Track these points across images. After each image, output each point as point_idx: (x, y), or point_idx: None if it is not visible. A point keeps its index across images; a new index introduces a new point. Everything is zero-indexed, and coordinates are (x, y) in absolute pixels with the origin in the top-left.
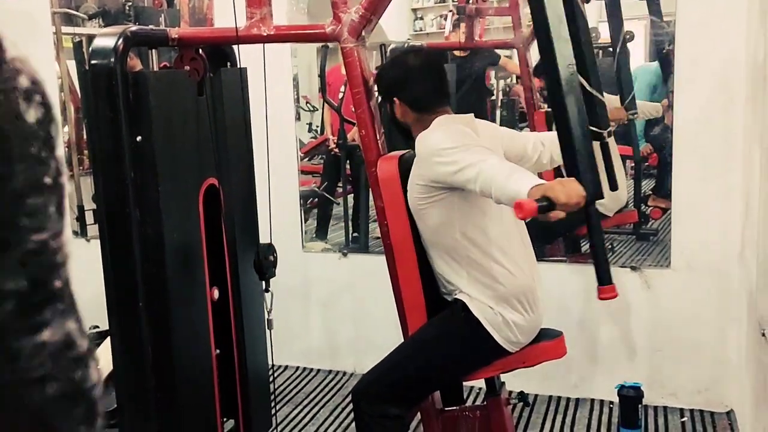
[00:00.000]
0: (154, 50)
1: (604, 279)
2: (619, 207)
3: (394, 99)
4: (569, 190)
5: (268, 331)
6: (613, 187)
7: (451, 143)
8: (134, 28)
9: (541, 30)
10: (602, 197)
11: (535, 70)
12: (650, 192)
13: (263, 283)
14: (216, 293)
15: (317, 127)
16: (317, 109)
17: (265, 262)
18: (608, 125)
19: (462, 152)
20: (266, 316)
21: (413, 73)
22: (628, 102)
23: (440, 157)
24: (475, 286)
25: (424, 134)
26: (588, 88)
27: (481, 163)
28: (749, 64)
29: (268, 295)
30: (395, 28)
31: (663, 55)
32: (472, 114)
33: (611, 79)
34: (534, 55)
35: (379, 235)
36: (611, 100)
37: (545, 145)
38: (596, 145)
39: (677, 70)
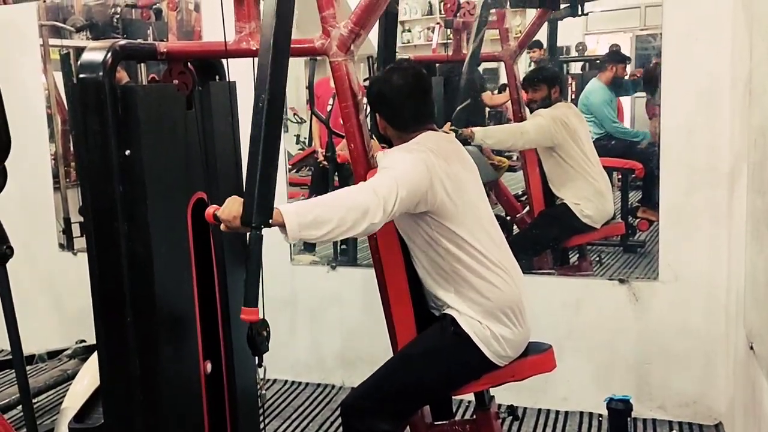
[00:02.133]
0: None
1: (250, 301)
2: (606, 219)
3: (377, 113)
4: (225, 207)
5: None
6: None
7: (386, 164)
8: (123, 42)
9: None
10: (257, 227)
11: (523, 82)
12: (638, 204)
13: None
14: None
15: (305, 138)
16: (305, 121)
17: (258, 338)
18: None
19: (379, 173)
20: (258, 391)
21: (395, 93)
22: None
23: None
24: (463, 301)
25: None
26: None
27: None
28: (734, 79)
29: (261, 370)
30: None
31: (652, 68)
32: (453, 134)
33: None
34: (521, 68)
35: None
36: None
37: None
38: None
39: (664, 83)
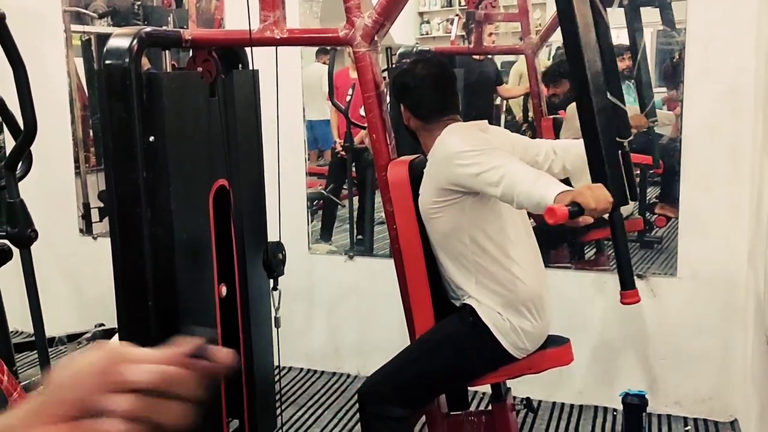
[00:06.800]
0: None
1: (627, 284)
2: (625, 215)
3: (401, 104)
4: (598, 196)
5: (275, 330)
6: (633, 197)
7: (471, 146)
8: (149, 29)
9: (570, 38)
10: (627, 203)
11: (543, 76)
12: (656, 200)
13: (270, 281)
14: (224, 290)
15: None
16: None
17: (273, 260)
18: (630, 134)
19: (484, 155)
20: (273, 314)
21: (419, 83)
22: (648, 110)
23: (461, 160)
24: (483, 292)
25: (443, 137)
26: (609, 96)
27: (505, 167)
28: (759, 76)
29: (275, 293)
30: (401, 31)
31: (674, 64)
32: (486, 120)
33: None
34: (542, 62)
35: (387, 238)
36: (630, 108)
37: (557, 153)
38: None
39: (686, 79)
